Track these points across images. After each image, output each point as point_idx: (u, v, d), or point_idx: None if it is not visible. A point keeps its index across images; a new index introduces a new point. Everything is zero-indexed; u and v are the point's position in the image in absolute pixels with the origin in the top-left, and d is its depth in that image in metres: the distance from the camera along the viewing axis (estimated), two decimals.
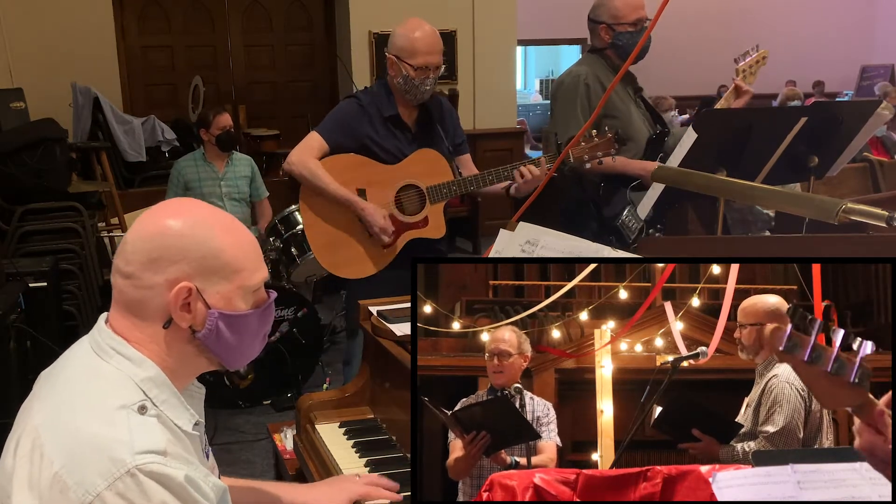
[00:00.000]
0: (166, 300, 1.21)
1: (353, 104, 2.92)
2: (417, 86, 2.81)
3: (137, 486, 1.10)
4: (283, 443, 2.96)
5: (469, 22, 7.41)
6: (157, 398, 1.21)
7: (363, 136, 2.87)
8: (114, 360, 1.22)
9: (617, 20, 3.03)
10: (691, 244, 2.20)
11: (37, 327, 3.64)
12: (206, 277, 1.22)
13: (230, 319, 1.25)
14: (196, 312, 1.22)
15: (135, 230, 1.24)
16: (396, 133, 2.89)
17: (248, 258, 1.27)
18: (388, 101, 2.90)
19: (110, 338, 1.23)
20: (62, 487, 1.09)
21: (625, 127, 3.07)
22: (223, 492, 1.25)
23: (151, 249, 1.21)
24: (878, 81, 10.51)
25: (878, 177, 4.26)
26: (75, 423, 1.14)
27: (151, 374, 1.22)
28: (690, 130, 2.65)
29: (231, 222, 1.28)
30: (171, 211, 1.25)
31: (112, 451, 1.11)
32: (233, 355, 1.30)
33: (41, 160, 4.54)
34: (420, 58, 2.79)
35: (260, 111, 7.81)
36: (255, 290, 1.29)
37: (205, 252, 1.22)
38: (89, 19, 6.68)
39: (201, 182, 4.64)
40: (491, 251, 1.97)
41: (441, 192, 2.89)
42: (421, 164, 2.88)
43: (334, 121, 2.92)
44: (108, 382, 1.20)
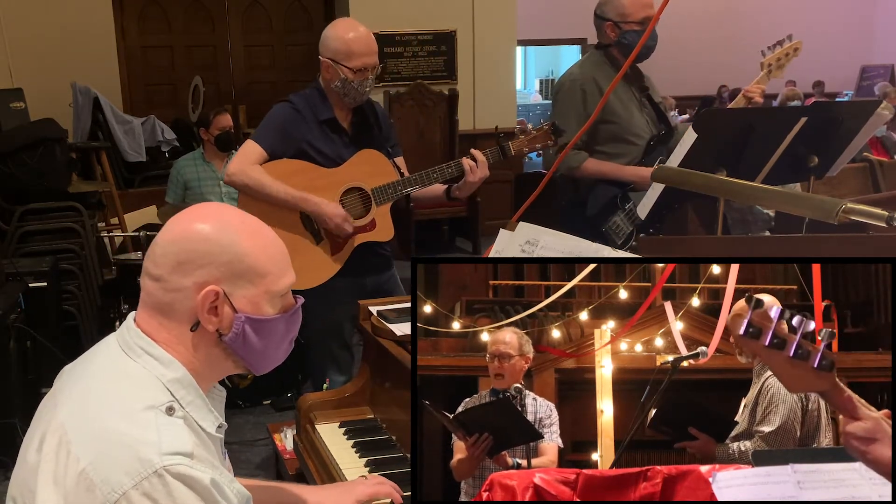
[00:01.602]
0: (194, 303, 1.22)
1: (287, 108, 2.82)
2: (356, 87, 2.74)
3: (164, 487, 1.10)
4: (283, 443, 2.96)
5: (469, 22, 7.41)
6: (184, 399, 1.22)
7: (300, 141, 2.78)
8: (142, 360, 1.22)
9: (623, 18, 3.02)
10: (691, 244, 2.20)
11: (37, 327, 3.65)
12: (232, 281, 1.23)
13: (257, 324, 1.26)
14: (223, 316, 1.23)
15: (164, 233, 1.25)
16: (333, 137, 2.81)
17: (274, 263, 1.27)
18: (322, 104, 2.81)
19: (139, 337, 1.24)
20: (88, 485, 1.10)
21: (623, 130, 3.07)
22: (247, 500, 1.26)
23: (179, 252, 1.21)
24: (878, 81, 10.53)
25: (878, 177, 4.25)
26: (103, 422, 1.15)
27: (179, 376, 1.23)
28: (690, 130, 2.65)
29: (259, 227, 1.29)
30: (199, 215, 1.26)
31: (140, 451, 1.11)
32: (259, 359, 1.31)
33: (41, 160, 4.54)
34: (357, 59, 2.72)
35: (260, 111, 7.75)
36: (283, 295, 1.29)
37: (231, 256, 1.23)
38: (89, 19, 6.68)
39: (200, 182, 4.64)
40: (491, 251, 1.97)
41: (387, 192, 2.80)
42: (364, 166, 2.80)
43: (270, 127, 2.82)
44: (137, 382, 1.21)
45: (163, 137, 6.70)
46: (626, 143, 3.07)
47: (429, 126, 7.29)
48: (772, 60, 3.06)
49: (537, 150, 2.89)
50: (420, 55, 7.30)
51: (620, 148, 3.07)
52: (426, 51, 7.29)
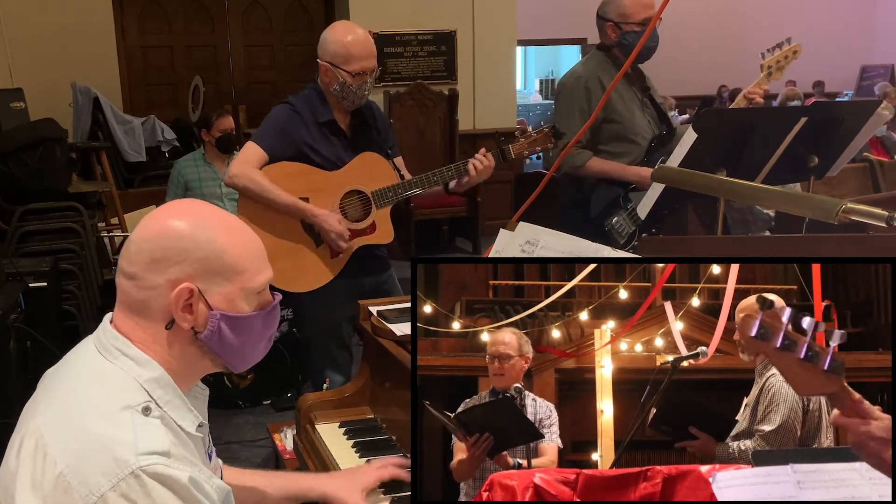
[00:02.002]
0: (168, 301, 1.21)
1: (287, 110, 2.82)
2: (355, 91, 2.74)
3: (141, 488, 1.10)
4: (283, 443, 2.97)
5: (469, 22, 7.41)
6: (161, 399, 1.21)
7: (300, 143, 2.77)
8: (118, 361, 1.22)
9: (624, 19, 3.02)
10: (691, 244, 2.20)
11: (37, 327, 3.64)
12: (208, 278, 1.22)
13: (233, 321, 1.25)
14: (198, 313, 1.22)
15: (139, 231, 1.24)
16: (332, 139, 2.81)
17: (251, 259, 1.26)
18: (322, 106, 2.81)
19: (114, 338, 1.24)
20: (66, 488, 1.10)
21: (626, 129, 3.07)
22: (227, 494, 1.25)
23: (154, 250, 1.21)
24: (878, 81, 10.52)
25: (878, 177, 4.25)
26: (79, 424, 1.15)
27: (155, 375, 1.22)
28: (690, 130, 2.65)
29: (234, 223, 1.28)
30: (174, 212, 1.26)
31: (116, 451, 1.11)
32: (236, 357, 1.30)
33: (41, 160, 4.54)
34: (356, 63, 2.71)
35: (260, 111, 7.76)
36: (259, 292, 1.28)
37: (207, 253, 1.22)
38: (89, 19, 6.68)
39: (201, 182, 4.64)
40: (491, 251, 1.97)
41: (387, 196, 2.80)
42: (364, 169, 2.80)
43: (271, 128, 2.81)
44: (113, 383, 1.20)
45: (163, 137, 6.70)
46: (629, 142, 3.07)
47: (429, 126, 7.29)
48: (771, 62, 3.06)
49: (537, 152, 2.89)
50: (420, 55, 7.29)
51: (623, 147, 3.07)
52: (426, 51, 7.29)
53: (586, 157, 3.04)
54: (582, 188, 3.12)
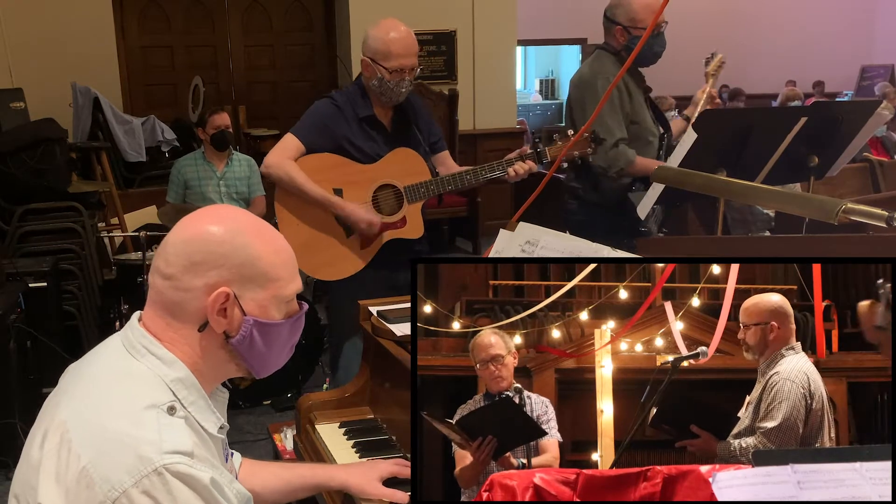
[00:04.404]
0: (204, 304, 1.22)
1: (328, 105, 2.88)
2: (392, 88, 2.78)
3: (164, 486, 1.11)
4: (283, 443, 2.96)
5: (469, 22, 7.41)
6: (186, 399, 1.22)
7: (340, 137, 2.83)
8: (145, 359, 1.23)
9: (634, 23, 3.00)
10: (691, 244, 2.20)
11: (37, 327, 3.65)
12: (243, 284, 1.24)
13: (263, 328, 1.27)
14: (232, 318, 1.24)
15: (176, 233, 1.26)
16: (372, 134, 2.86)
17: (284, 268, 1.29)
18: (363, 101, 2.86)
19: (143, 336, 1.25)
20: (89, 482, 1.11)
21: (643, 131, 3.08)
22: (247, 500, 1.26)
23: (193, 253, 1.22)
24: (878, 81, 10.51)
25: (878, 177, 4.26)
26: (104, 420, 1.16)
27: (182, 376, 1.23)
28: (690, 130, 2.65)
29: (270, 232, 1.30)
30: (213, 216, 1.27)
31: (140, 449, 1.12)
32: (262, 363, 1.32)
33: (41, 160, 4.54)
34: (395, 60, 2.76)
35: (260, 111, 7.81)
36: (289, 301, 1.30)
37: (244, 259, 1.24)
38: (89, 19, 6.67)
39: (201, 181, 4.64)
40: (491, 251, 1.97)
41: (419, 191, 2.85)
42: (398, 164, 2.84)
43: (310, 122, 2.87)
44: (139, 381, 1.21)
45: (163, 137, 6.70)
46: (646, 142, 3.10)
47: None
48: (713, 70, 3.27)
49: (575, 157, 2.82)
50: (420, 55, 7.29)
51: (641, 147, 3.08)
52: (426, 51, 7.29)
53: (632, 155, 3.02)
54: (604, 193, 3.09)
